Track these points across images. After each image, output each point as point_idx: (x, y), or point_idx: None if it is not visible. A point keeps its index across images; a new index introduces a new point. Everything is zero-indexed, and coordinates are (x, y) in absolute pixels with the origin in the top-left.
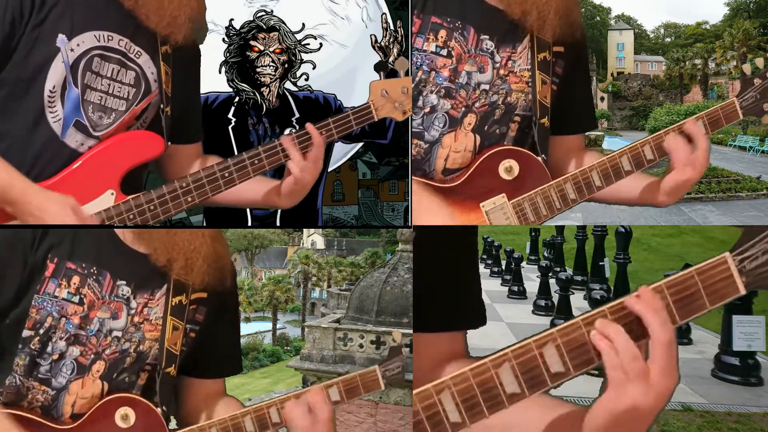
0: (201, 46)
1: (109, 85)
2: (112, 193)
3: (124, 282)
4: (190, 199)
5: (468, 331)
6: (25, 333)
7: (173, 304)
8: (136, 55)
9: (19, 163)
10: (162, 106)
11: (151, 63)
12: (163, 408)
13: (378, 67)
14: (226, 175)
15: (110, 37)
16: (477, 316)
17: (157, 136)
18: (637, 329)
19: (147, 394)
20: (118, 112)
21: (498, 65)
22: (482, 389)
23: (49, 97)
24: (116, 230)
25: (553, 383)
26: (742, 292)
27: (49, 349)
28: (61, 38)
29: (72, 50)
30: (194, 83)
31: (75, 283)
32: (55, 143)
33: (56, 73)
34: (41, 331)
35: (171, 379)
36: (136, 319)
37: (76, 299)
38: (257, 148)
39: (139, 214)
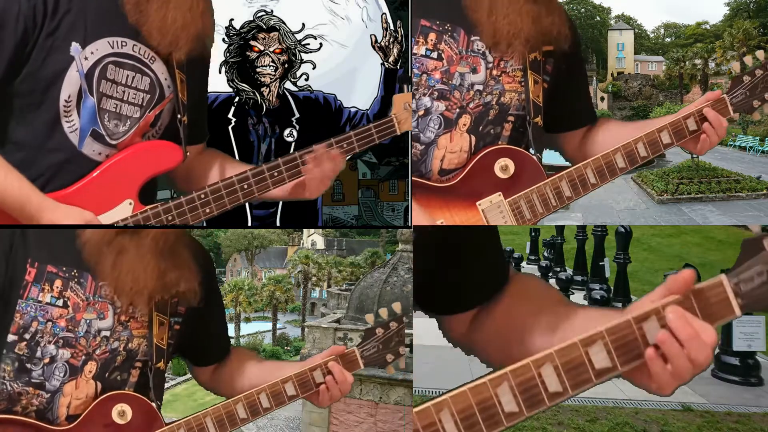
0: None
1: (124, 92)
2: (130, 203)
3: (106, 282)
4: (208, 210)
5: None
6: (10, 337)
7: (156, 300)
8: (151, 60)
9: (36, 173)
10: (179, 116)
11: (164, 68)
12: (158, 402)
13: (402, 80)
14: (245, 187)
15: (124, 43)
16: (502, 277)
17: (175, 146)
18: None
19: (140, 390)
20: (132, 119)
21: (491, 65)
22: (481, 408)
23: (65, 106)
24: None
25: (551, 403)
26: (738, 314)
27: (38, 353)
28: (75, 47)
29: (86, 58)
30: (203, 85)
31: (57, 287)
32: (73, 153)
33: (71, 82)
34: (27, 336)
35: (162, 374)
36: (122, 318)
37: (60, 302)
38: (277, 159)
39: (157, 224)
